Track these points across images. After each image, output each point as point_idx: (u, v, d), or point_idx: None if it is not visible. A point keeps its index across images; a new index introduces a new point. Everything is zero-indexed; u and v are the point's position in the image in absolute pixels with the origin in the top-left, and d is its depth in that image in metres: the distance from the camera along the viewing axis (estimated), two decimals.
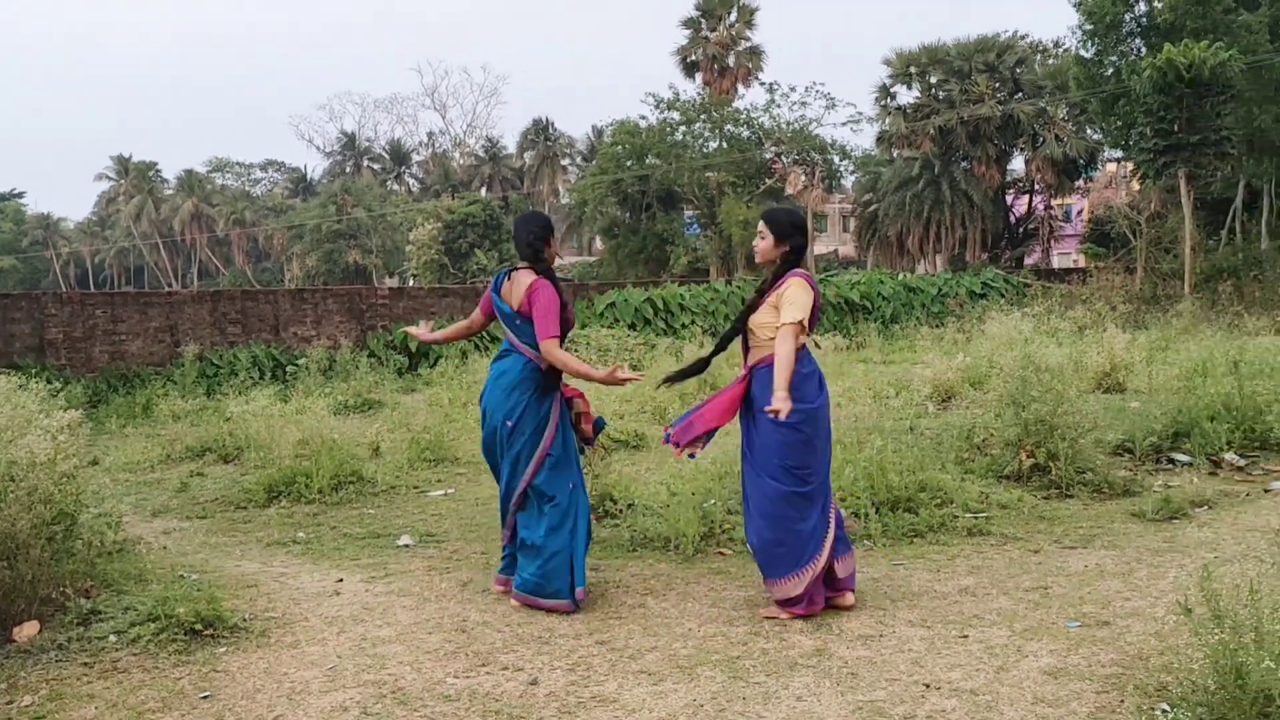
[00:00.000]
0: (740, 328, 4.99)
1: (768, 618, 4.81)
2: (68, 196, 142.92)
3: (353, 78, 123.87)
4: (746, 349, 4.98)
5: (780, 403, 4.48)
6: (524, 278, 5.19)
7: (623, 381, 5.03)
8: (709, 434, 4.89)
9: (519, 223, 5.38)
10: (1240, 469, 7.74)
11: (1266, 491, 7.13)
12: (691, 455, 4.98)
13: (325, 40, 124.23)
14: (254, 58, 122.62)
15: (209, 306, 19.47)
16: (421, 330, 5.84)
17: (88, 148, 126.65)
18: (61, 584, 4.97)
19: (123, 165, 73.40)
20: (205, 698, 4.06)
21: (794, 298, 4.74)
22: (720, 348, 5.23)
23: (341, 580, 5.78)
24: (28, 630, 4.69)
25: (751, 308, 4.92)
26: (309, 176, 75.82)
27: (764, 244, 4.93)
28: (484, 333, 21.27)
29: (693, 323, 22.53)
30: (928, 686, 3.93)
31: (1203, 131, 24.04)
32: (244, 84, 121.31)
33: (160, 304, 19.08)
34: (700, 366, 5.28)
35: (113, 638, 4.63)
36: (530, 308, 5.11)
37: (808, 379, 4.78)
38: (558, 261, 5.46)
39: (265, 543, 6.86)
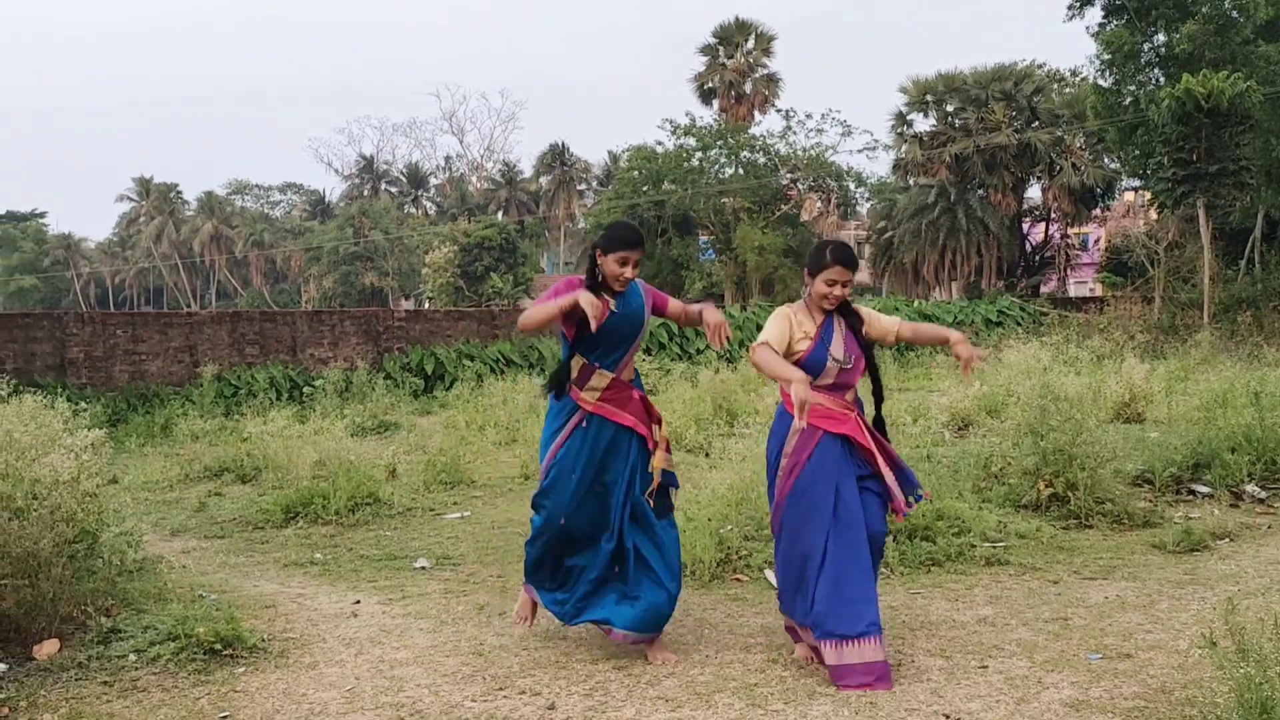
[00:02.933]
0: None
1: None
2: (89, 217, 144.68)
3: (371, 102, 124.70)
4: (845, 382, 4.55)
5: None
6: None
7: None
8: None
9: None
10: (1261, 501, 7.68)
11: None
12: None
13: (344, 66, 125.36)
14: (275, 80, 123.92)
15: (228, 327, 19.59)
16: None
17: (110, 169, 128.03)
18: (82, 602, 5.00)
19: (144, 187, 74.11)
20: (224, 718, 4.07)
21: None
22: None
23: (359, 602, 5.80)
24: (48, 648, 4.72)
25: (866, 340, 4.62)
26: (327, 199, 76.33)
27: (848, 290, 4.55)
28: (499, 354, 21.29)
29: (707, 348, 22.50)
30: (947, 717, 3.91)
31: (1221, 161, 24.00)
32: (265, 106, 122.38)
33: (180, 324, 19.22)
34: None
35: (132, 656, 4.65)
36: None
37: None
38: None
39: (283, 563, 6.88)
